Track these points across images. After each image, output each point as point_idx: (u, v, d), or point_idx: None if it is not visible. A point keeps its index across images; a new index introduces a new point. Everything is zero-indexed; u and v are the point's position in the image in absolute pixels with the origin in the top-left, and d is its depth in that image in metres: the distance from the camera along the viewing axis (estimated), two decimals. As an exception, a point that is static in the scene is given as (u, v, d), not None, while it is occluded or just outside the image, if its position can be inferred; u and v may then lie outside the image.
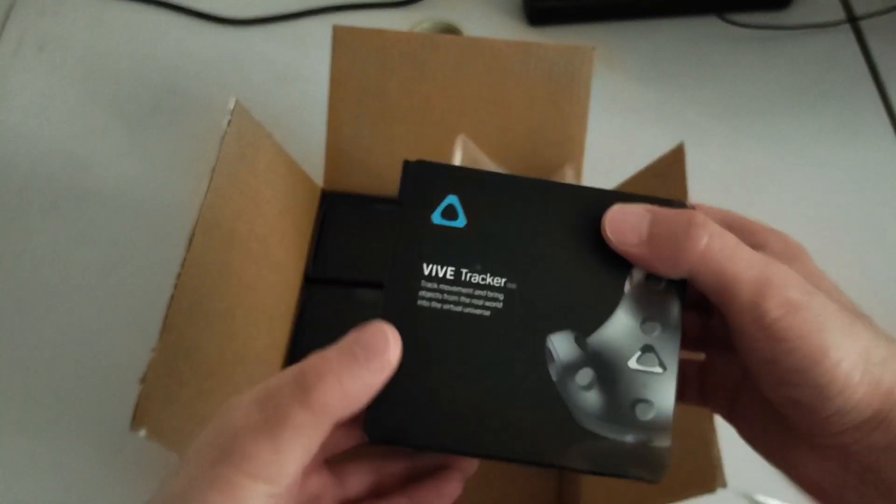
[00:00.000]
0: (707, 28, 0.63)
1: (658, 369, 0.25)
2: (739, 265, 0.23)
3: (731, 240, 0.24)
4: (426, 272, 0.25)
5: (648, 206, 0.25)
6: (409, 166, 0.26)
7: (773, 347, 0.23)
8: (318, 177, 0.53)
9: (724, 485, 0.32)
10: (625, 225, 0.25)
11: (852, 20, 0.63)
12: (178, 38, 0.63)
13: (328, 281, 0.51)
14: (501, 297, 0.25)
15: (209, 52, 0.62)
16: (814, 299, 0.23)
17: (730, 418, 0.28)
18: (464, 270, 0.26)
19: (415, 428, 0.25)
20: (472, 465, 0.30)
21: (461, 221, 0.26)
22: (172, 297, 0.36)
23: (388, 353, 0.24)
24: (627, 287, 0.25)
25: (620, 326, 0.25)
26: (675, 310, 0.25)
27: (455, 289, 0.25)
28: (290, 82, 0.60)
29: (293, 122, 0.55)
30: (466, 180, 0.26)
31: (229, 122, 0.41)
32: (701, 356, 0.30)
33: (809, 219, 0.55)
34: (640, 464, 0.25)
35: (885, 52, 0.62)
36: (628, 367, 0.25)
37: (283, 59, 0.62)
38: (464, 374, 0.25)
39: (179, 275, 0.37)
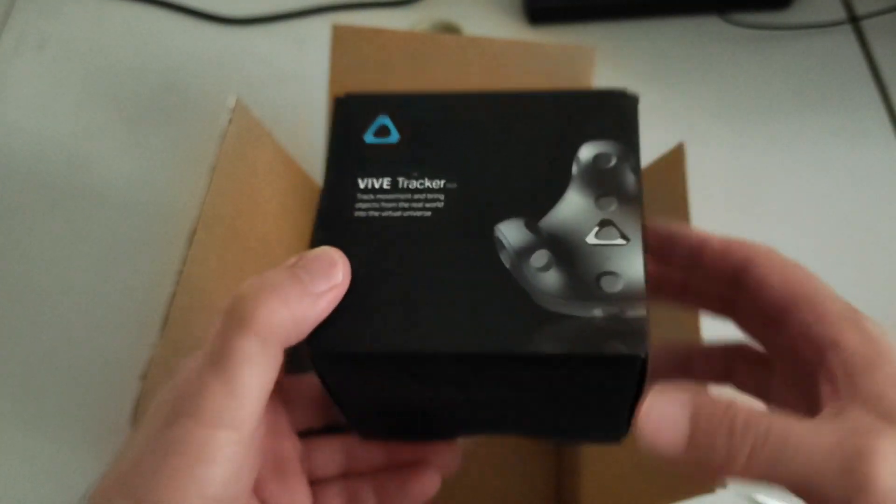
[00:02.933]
0: (708, 27, 0.63)
1: (620, 241, 0.23)
2: (808, 465, 0.19)
3: (781, 437, 0.20)
4: (361, 186, 0.25)
5: (689, 396, 0.21)
6: (339, 101, 0.26)
7: None
8: (317, 176, 0.53)
9: (723, 485, 0.32)
10: (662, 421, 0.21)
11: (853, 20, 0.63)
12: (178, 37, 0.63)
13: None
14: (442, 196, 0.24)
15: (209, 50, 0.62)
16: None
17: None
18: (400, 178, 0.25)
19: (364, 335, 0.22)
20: (452, 462, 0.28)
21: (394, 137, 0.25)
22: (173, 294, 0.36)
23: (336, 275, 0.22)
24: (575, 169, 0.25)
25: (573, 205, 0.24)
26: (630, 181, 0.24)
27: (392, 196, 0.24)
28: (290, 81, 0.61)
29: (293, 121, 0.55)
30: (397, 102, 0.26)
31: (230, 120, 0.41)
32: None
33: (809, 219, 0.55)
34: (616, 338, 0.22)
35: (887, 52, 0.62)
36: (586, 243, 0.23)
37: (282, 58, 0.62)
38: (410, 275, 0.23)
39: (180, 272, 0.37)
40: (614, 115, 0.25)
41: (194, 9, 0.64)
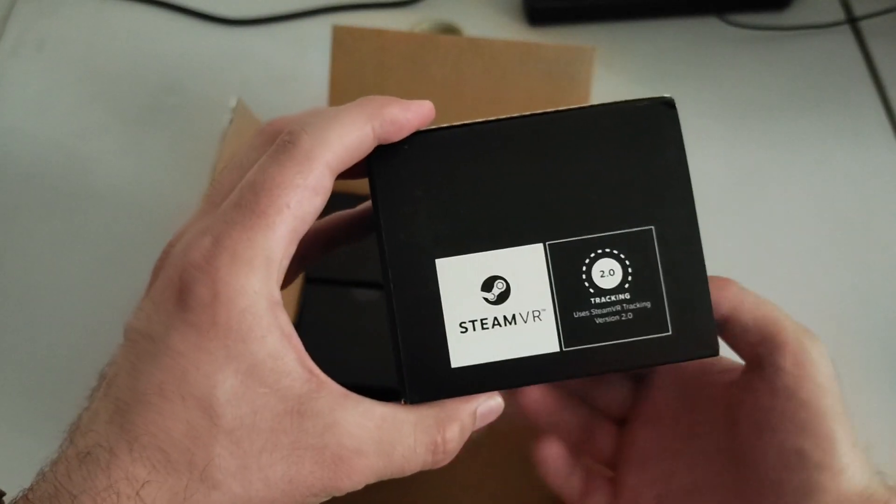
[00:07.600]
0: (707, 29, 0.63)
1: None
2: (781, 314, 0.27)
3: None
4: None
5: None
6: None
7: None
8: (317, 176, 0.53)
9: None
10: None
11: (852, 21, 0.63)
12: (178, 38, 0.63)
13: (326, 280, 0.51)
14: None
15: (209, 51, 0.62)
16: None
17: None
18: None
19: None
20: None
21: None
22: (173, 295, 0.36)
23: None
24: None
25: None
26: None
27: None
28: (290, 82, 0.61)
29: (293, 122, 0.55)
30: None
31: (231, 120, 0.41)
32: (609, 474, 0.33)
33: (808, 220, 0.55)
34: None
35: (885, 53, 0.62)
36: None
37: (282, 58, 0.62)
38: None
39: (180, 273, 0.37)
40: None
41: (194, 9, 0.64)
